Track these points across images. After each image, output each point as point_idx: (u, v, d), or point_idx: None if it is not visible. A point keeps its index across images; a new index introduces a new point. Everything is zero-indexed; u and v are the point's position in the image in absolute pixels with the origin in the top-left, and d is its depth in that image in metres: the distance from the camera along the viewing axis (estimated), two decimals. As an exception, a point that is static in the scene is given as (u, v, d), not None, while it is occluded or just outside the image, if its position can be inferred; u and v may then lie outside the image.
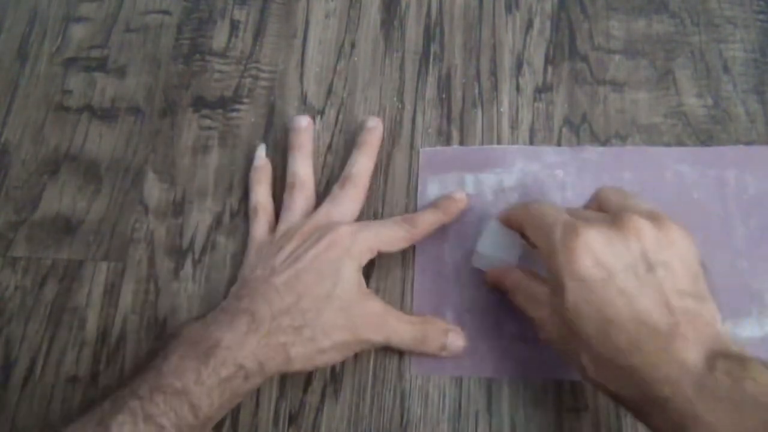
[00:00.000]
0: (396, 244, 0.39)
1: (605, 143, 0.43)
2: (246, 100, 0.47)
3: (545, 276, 0.33)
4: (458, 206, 0.41)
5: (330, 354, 0.36)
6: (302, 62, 0.48)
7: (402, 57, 0.47)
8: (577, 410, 0.37)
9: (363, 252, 0.37)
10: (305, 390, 0.39)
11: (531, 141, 0.43)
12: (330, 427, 0.38)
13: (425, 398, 0.38)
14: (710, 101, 0.43)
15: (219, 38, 0.49)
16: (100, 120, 0.48)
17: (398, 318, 0.37)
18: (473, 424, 0.37)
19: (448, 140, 0.44)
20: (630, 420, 0.36)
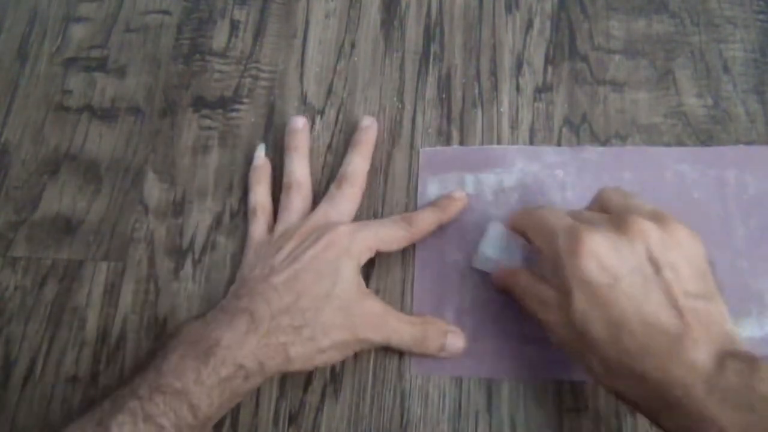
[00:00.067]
0: (395, 244, 0.39)
1: (605, 143, 0.43)
2: (246, 100, 0.47)
3: (552, 278, 0.33)
4: (458, 206, 0.41)
5: (329, 353, 0.36)
6: (302, 62, 0.48)
7: (402, 57, 0.47)
8: (577, 410, 0.37)
9: (362, 251, 0.37)
10: (305, 390, 0.39)
11: (531, 141, 0.43)
12: (330, 427, 0.38)
13: (425, 398, 0.38)
14: (710, 101, 0.43)
15: (219, 38, 0.49)
16: (100, 120, 0.48)
17: (398, 318, 0.37)
18: (473, 424, 0.37)
19: (448, 140, 0.44)
20: (630, 420, 0.36)
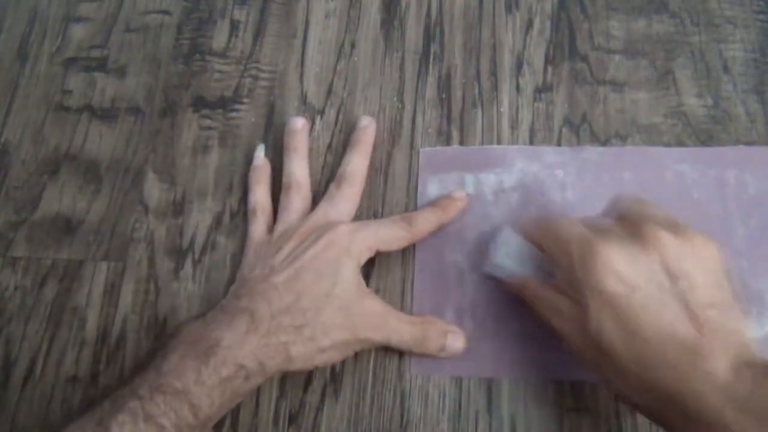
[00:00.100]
0: (395, 244, 0.39)
1: (605, 143, 0.43)
2: (246, 100, 0.47)
3: (567, 288, 0.32)
4: (458, 206, 0.41)
5: (330, 353, 0.36)
6: (302, 62, 0.48)
7: (402, 57, 0.47)
8: (578, 410, 0.37)
9: (362, 251, 0.37)
10: (305, 390, 0.39)
11: (531, 141, 0.43)
12: (330, 427, 0.38)
13: (425, 398, 0.38)
14: (710, 101, 0.43)
15: (219, 38, 0.49)
16: (100, 120, 0.48)
17: (398, 318, 0.37)
18: (473, 424, 0.37)
19: (448, 140, 0.44)
20: (630, 420, 0.36)
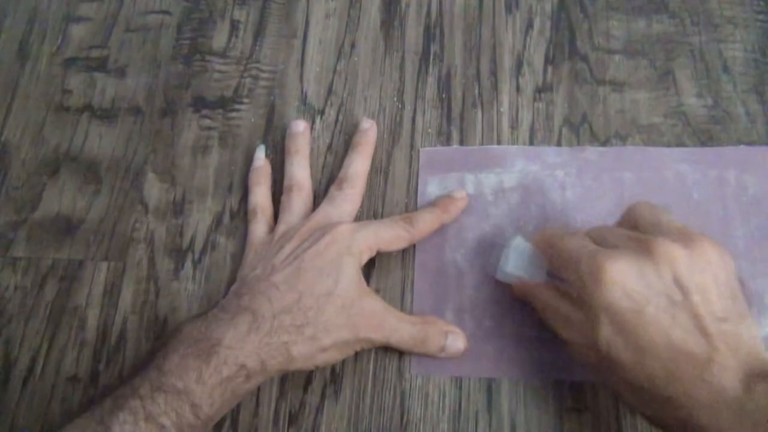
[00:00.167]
0: (395, 244, 0.39)
1: (605, 143, 0.43)
2: (246, 100, 0.47)
3: (577, 300, 0.32)
4: (458, 205, 0.41)
5: (330, 353, 0.36)
6: (302, 62, 0.48)
7: (402, 57, 0.47)
8: (578, 410, 0.37)
9: (363, 250, 0.37)
10: (305, 390, 0.39)
11: (531, 141, 0.43)
12: (330, 427, 0.38)
13: (425, 398, 0.38)
14: (710, 101, 0.43)
15: (219, 38, 0.49)
16: (100, 120, 0.48)
17: (398, 318, 0.37)
18: (473, 424, 0.37)
19: (448, 140, 0.44)
20: (630, 420, 0.36)
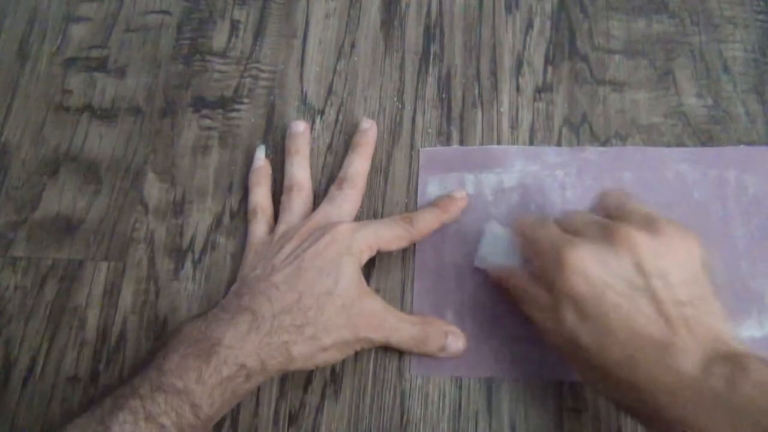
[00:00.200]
0: (395, 243, 0.39)
1: (605, 143, 0.43)
2: (246, 100, 0.47)
3: (546, 286, 0.32)
4: (458, 205, 0.41)
5: (331, 352, 0.36)
6: (302, 62, 0.48)
7: (402, 57, 0.47)
8: (577, 410, 0.37)
9: (363, 250, 0.37)
10: (305, 390, 0.39)
11: (531, 141, 0.43)
12: (330, 427, 0.38)
13: (425, 398, 0.38)
14: (710, 101, 0.43)
15: (219, 38, 0.49)
16: (100, 120, 0.48)
17: (398, 317, 0.37)
18: (473, 424, 0.37)
19: (448, 140, 0.44)
20: (630, 420, 0.36)
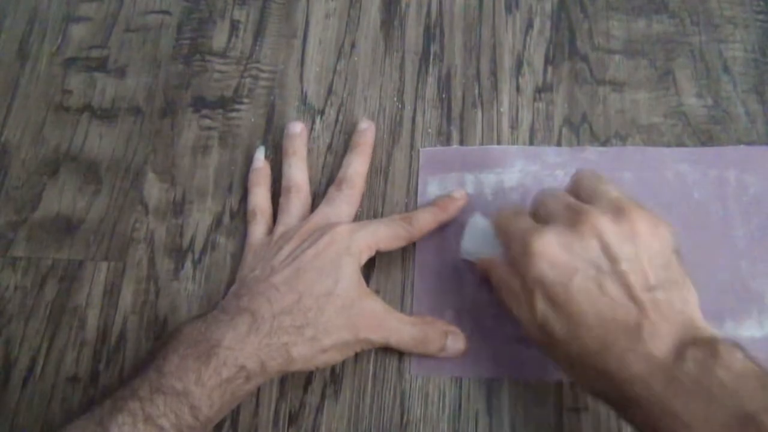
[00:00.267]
0: (395, 243, 0.39)
1: (605, 143, 0.43)
2: (246, 100, 0.47)
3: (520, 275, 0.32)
4: (457, 205, 0.41)
5: (330, 353, 0.36)
6: (302, 62, 0.48)
7: (402, 57, 0.47)
8: (577, 410, 0.37)
9: (362, 250, 0.37)
10: (305, 390, 0.39)
11: (531, 141, 0.43)
12: (330, 427, 0.38)
13: (425, 398, 0.38)
14: (710, 101, 0.43)
15: (219, 38, 0.49)
16: (100, 120, 0.48)
17: (398, 318, 0.37)
18: (473, 424, 0.37)
19: (448, 140, 0.44)
20: (630, 420, 0.36)
